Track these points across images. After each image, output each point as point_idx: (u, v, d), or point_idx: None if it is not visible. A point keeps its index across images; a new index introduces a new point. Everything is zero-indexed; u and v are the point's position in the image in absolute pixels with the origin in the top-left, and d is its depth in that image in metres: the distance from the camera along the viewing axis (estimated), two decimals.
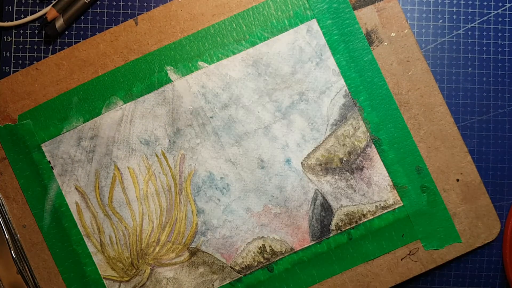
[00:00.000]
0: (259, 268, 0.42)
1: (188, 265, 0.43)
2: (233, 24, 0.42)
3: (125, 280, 0.43)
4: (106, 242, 0.42)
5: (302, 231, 0.42)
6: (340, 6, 0.42)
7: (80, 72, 0.42)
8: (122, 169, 0.42)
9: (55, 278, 0.42)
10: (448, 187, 0.42)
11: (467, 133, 0.44)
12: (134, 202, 0.42)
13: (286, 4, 0.42)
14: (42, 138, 0.42)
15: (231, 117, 0.42)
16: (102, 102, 0.42)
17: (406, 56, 0.42)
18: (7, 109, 0.42)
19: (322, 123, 0.42)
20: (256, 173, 0.42)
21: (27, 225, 0.42)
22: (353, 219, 0.42)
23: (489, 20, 0.44)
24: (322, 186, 0.42)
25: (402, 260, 0.42)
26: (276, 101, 0.42)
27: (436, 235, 0.42)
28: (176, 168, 0.42)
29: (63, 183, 0.42)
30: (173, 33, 0.42)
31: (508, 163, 0.44)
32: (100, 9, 0.44)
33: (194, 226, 0.42)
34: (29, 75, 0.42)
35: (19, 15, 0.44)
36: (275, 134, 0.42)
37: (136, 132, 0.42)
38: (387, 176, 0.42)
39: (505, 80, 0.44)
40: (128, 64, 0.42)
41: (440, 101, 0.42)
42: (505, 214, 0.44)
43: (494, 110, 0.44)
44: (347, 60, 0.42)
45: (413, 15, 0.44)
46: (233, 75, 0.42)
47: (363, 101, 0.42)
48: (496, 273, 0.44)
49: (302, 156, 0.42)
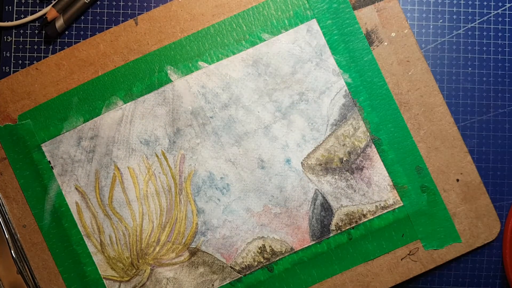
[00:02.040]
0: (259, 268, 0.42)
1: (188, 265, 0.43)
2: (233, 24, 0.42)
3: (125, 280, 0.43)
4: (106, 242, 0.42)
5: (302, 231, 0.42)
6: (340, 6, 0.42)
7: (80, 72, 0.42)
8: (122, 169, 0.42)
9: (55, 278, 0.42)
10: (448, 187, 0.42)
11: (467, 133, 0.44)
12: (134, 202, 0.42)
13: (286, 4, 0.42)
14: (42, 138, 0.42)
15: (231, 117, 0.42)
16: (102, 102, 0.42)
17: (406, 56, 0.42)
18: (7, 109, 0.42)
19: (322, 123, 0.42)
20: (256, 173, 0.42)
21: (27, 225, 0.42)
22: (353, 219, 0.42)
23: (489, 20, 0.44)
24: (322, 186, 0.42)
25: (402, 260, 0.42)
26: (276, 101, 0.42)
27: (436, 235, 0.42)
28: (176, 168, 0.42)
29: (63, 183, 0.42)
30: (173, 33, 0.42)
31: (508, 163, 0.44)
32: (100, 9, 0.44)
33: (194, 226, 0.42)
34: (29, 75, 0.42)
35: (19, 15, 0.44)
36: (275, 134, 0.42)
37: (136, 132, 0.42)
38: (387, 176, 0.42)
39: (505, 80, 0.44)
40: (128, 64, 0.42)
41: (440, 101, 0.42)
42: (505, 214, 0.44)
43: (494, 110, 0.44)
44: (347, 60, 0.42)
45: (413, 15, 0.44)
46: (233, 75, 0.42)
47: (363, 101, 0.42)
48: (496, 273, 0.44)
49: (302, 156, 0.42)
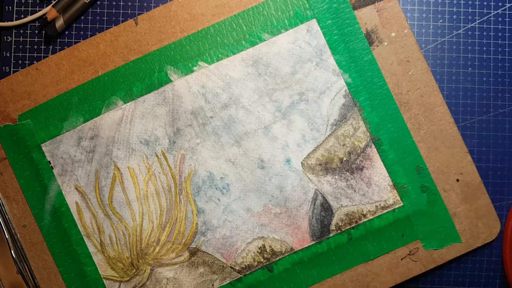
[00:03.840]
0: (259, 268, 0.42)
1: (188, 265, 0.43)
2: (233, 24, 0.42)
3: (125, 280, 0.43)
4: (106, 242, 0.42)
5: (302, 231, 0.42)
6: (340, 6, 0.42)
7: (80, 72, 0.42)
8: (122, 169, 0.42)
9: (55, 278, 0.42)
10: (448, 187, 0.42)
11: (467, 133, 0.44)
12: (134, 202, 0.42)
13: (286, 4, 0.42)
14: (42, 138, 0.42)
15: (231, 117, 0.42)
16: (102, 102, 0.42)
17: (406, 56, 0.42)
18: (7, 109, 0.42)
19: (322, 123, 0.42)
20: (256, 173, 0.42)
21: (27, 225, 0.42)
22: (353, 219, 0.42)
23: (489, 20, 0.44)
24: (322, 186, 0.42)
25: (402, 260, 0.42)
26: (276, 101, 0.42)
27: (436, 235, 0.42)
28: (176, 168, 0.42)
29: (63, 183, 0.42)
30: (173, 33, 0.42)
31: (508, 163, 0.44)
32: (100, 9, 0.44)
33: (194, 226, 0.42)
34: (29, 75, 0.42)
35: (19, 15, 0.44)
36: (275, 134, 0.42)
37: (136, 132, 0.42)
38: (387, 176, 0.42)
39: (505, 80, 0.44)
40: (128, 64, 0.42)
41: (440, 101, 0.42)
42: (505, 214, 0.44)
43: (494, 110, 0.44)
44: (347, 60, 0.42)
45: (413, 15, 0.44)
46: (233, 75, 0.42)
47: (363, 101, 0.42)
48: (496, 273, 0.44)
49: (302, 156, 0.42)
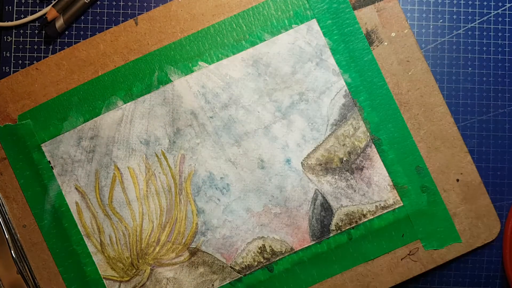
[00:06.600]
0: (259, 268, 0.42)
1: (188, 265, 0.43)
2: (233, 24, 0.42)
3: (125, 280, 0.43)
4: (106, 242, 0.42)
5: (302, 231, 0.42)
6: (340, 6, 0.42)
7: (80, 72, 0.42)
8: (122, 169, 0.42)
9: (55, 278, 0.42)
10: (448, 187, 0.42)
11: (467, 133, 0.44)
12: (134, 202, 0.42)
13: (286, 4, 0.42)
14: (42, 138, 0.42)
15: (231, 117, 0.42)
16: (102, 102, 0.42)
17: (406, 56, 0.42)
18: (7, 109, 0.42)
19: (322, 123, 0.42)
20: (256, 173, 0.42)
21: (27, 225, 0.42)
22: (353, 219, 0.42)
23: (489, 20, 0.44)
24: (322, 186, 0.42)
25: (402, 260, 0.42)
26: (276, 101, 0.42)
27: (436, 235, 0.42)
28: (176, 168, 0.42)
29: (63, 183, 0.42)
30: (173, 33, 0.42)
31: (508, 163, 0.44)
32: (100, 9, 0.44)
33: (194, 226, 0.42)
34: (29, 75, 0.42)
35: (19, 15, 0.44)
36: (275, 134, 0.42)
37: (136, 132, 0.42)
38: (387, 176, 0.42)
39: (505, 80, 0.44)
40: (128, 64, 0.42)
41: (440, 101, 0.42)
42: (505, 214, 0.44)
43: (494, 110, 0.44)
44: (347, 60, 0.42)
45: (413, 15, 0.44)
46: (233, 75, 0.42)
47: (363, 101, 0.42)
48: (496, 273, 0.44)
49: (302, 156, 0.42)
